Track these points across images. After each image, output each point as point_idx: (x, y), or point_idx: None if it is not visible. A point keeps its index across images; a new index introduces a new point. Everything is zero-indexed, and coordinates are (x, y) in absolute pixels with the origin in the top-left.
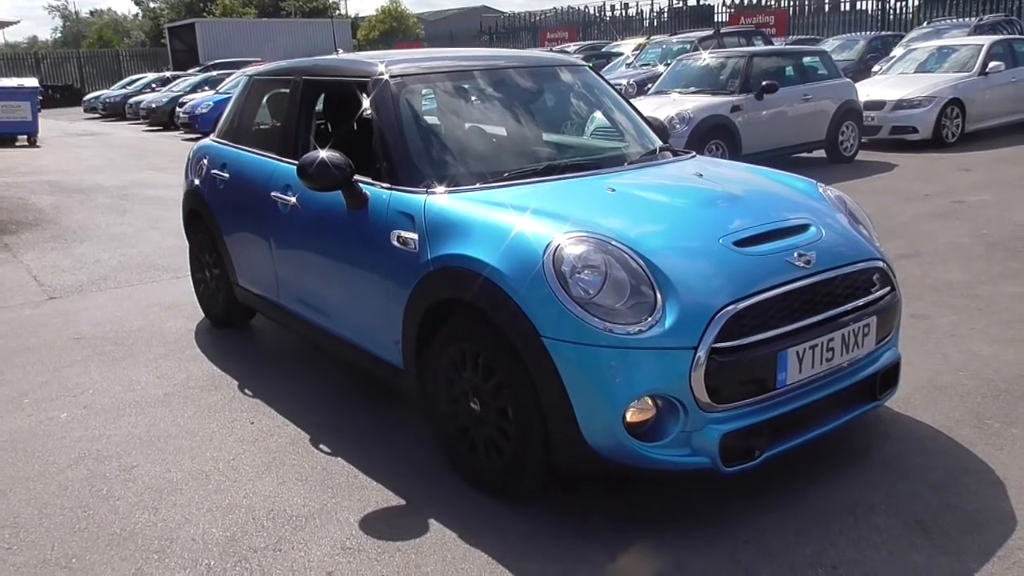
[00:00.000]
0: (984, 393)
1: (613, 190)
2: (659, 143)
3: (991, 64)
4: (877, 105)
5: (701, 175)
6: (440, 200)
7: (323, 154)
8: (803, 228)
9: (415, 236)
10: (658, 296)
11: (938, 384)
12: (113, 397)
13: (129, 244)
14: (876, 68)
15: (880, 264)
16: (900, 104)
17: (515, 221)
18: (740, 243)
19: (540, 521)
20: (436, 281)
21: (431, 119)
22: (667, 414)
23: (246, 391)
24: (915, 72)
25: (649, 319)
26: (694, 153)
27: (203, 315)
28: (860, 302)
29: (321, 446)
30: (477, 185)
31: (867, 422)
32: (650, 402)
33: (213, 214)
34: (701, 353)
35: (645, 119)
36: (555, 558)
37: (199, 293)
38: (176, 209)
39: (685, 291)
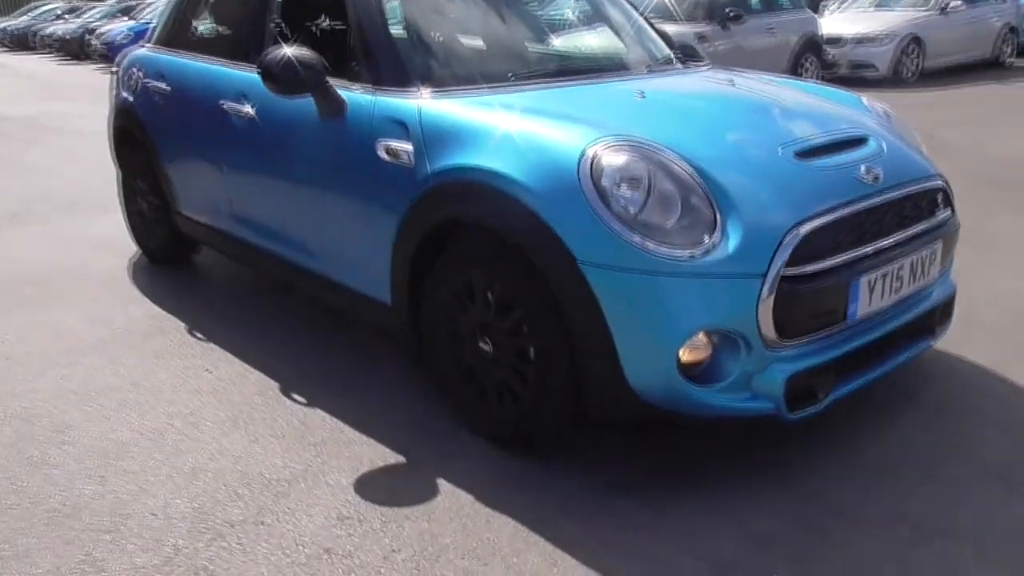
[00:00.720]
0: (1023, 328)
1: (643, 95)
2: (671, 52)
3: (951, 3)
4: (835, 41)
5: (733, 83)
6: (439, 104)
7: (289, 51)
8: (862, 141)
9: (409, 147)
10: (717, 214)
11: (973, 320)
12: (40, 346)
13: (44, 176)
14: (831, 3)
15: (941, 183)
16: (859, 40)
17: (537, 127)
18: (801, 154)
19: (567, 478)
20: (438, 199)
21: (420, 9)
22: (726, 353)
23: (196, 334)
24: (873, 9)
25: (708, 241)
26: (710, 63)
27: (138, 251)
28: (926, 225)
29: (294, 396)
30: (482, 86)
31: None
32: (704, 339)
33: (149, 133)
34: (770, 281)
35: (653, 27)
36: (592, 520)
37: (133, 226)
38: (95, 140)
39: (748, 208)
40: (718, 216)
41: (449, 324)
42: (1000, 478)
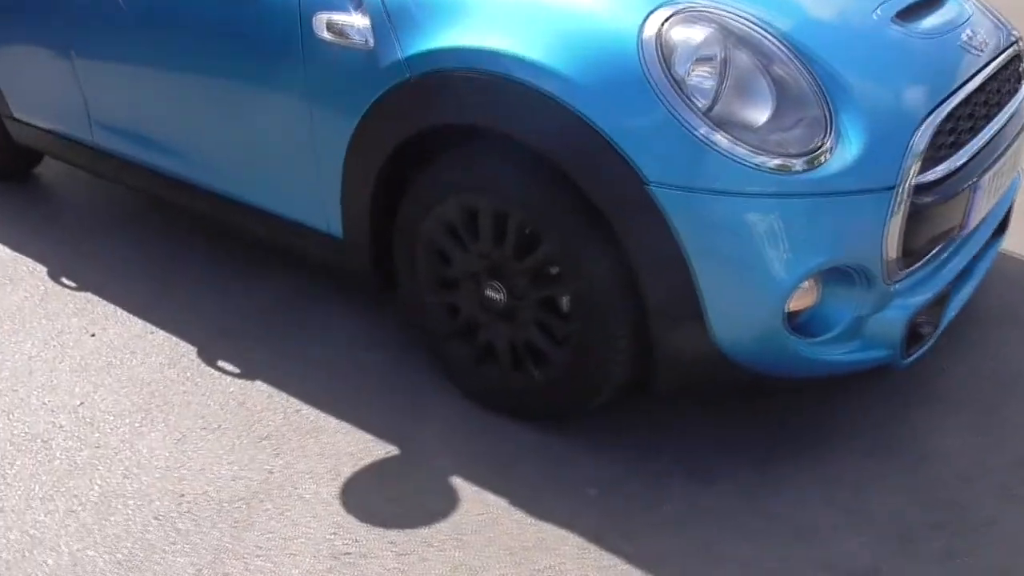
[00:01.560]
0: None
1: None
2: None
3: None
4: None
5: None
6: None
7: None
8: None
9: (364, 21)
10: (827, 108)
11: None
12: None
13: None
14: None
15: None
16: None
17: None
18: (899, 19)
19: (623, 461)
20: (420, 97)
21: None
22: (838, 294)
23: (64, 281)
24: None
25: (822, 145)
26: None
27: None
28: (1018, 102)
29: (221, 364)
30: None
31: None
32: (809, 280)
33: None
34: (902, 194)
35: None
36: (683, 523)
37: None
38: None
39: (865, 96)
40: (830, 111)
41: (437, 265)
42: None
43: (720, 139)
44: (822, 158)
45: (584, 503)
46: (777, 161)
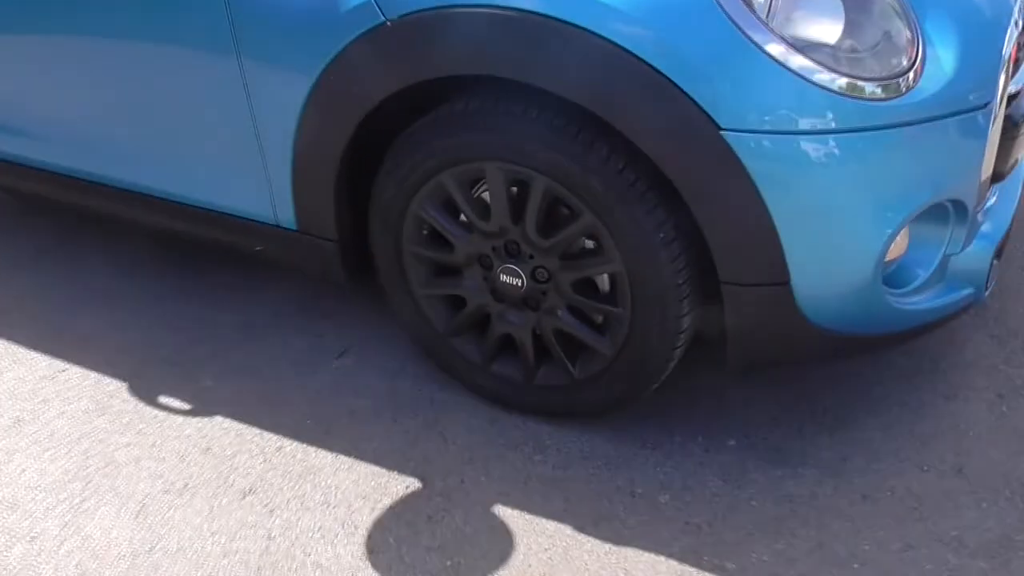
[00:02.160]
0: None
1: None
2: None
3: None
4: None
5: None
6: None
7: None
8: None
9: None
10: (911, 17)
11: None
12: None
13: None
14: None
15: None
16: None
17: None
18: None
19: (677, 454)
20: (400, 46)
21: None
22: (927, 234)
23: None
24: None
25: (912, 63)
26: None
27: None
28: None
29: (166, 401)
30: None
31: None
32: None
33: None
34: (996, 110)
35: None
36: (769, 525)
37: None
38: None
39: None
40: (912, 20)
41: (434, 250)
42: None
43: (807, 65)
44: (912, 78)
45: (660, 514)
46: (870, 88)
